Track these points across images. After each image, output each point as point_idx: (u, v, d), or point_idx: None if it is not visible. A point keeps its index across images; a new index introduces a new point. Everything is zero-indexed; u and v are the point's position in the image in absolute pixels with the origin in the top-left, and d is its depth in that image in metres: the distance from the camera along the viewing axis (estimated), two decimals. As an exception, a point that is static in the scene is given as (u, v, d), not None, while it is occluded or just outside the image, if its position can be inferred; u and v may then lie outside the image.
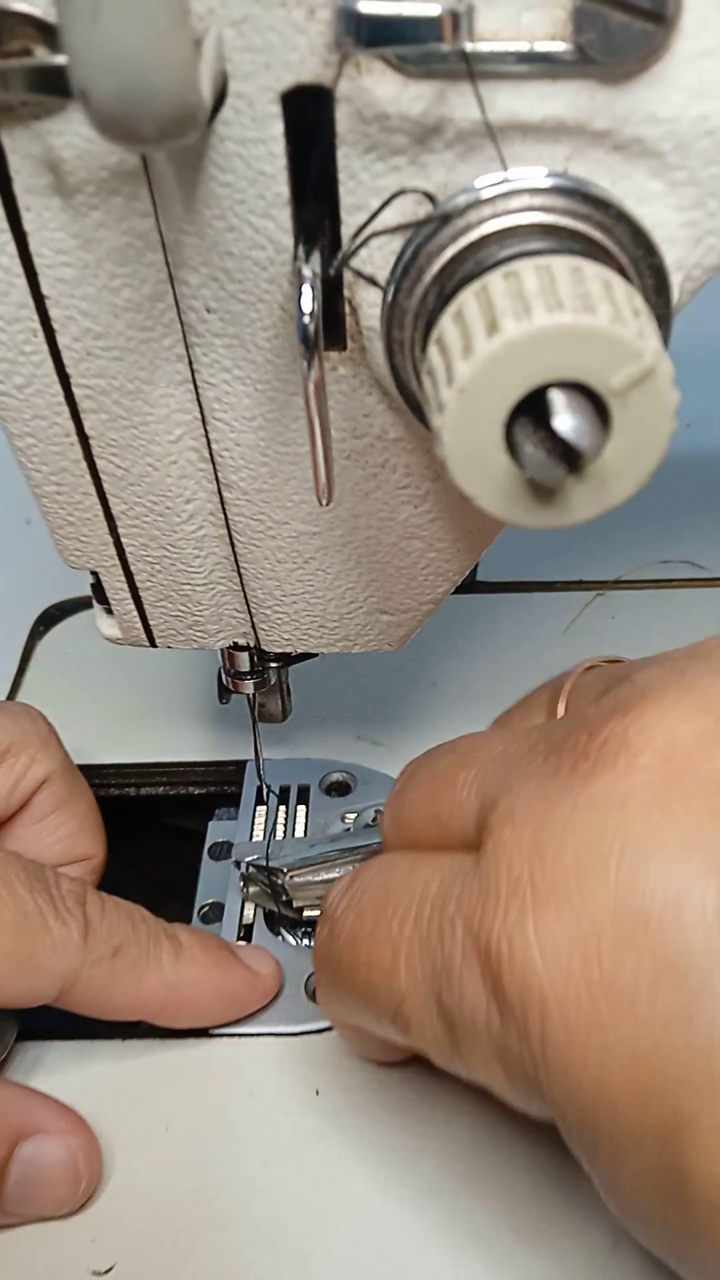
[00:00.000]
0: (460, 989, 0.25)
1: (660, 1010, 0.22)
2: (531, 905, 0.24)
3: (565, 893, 0.23)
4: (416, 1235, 0.33)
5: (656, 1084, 0.22)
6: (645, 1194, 0.23)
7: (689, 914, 0.22)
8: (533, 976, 0.23)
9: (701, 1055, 0.22)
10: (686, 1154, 0.22)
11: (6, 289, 0.27)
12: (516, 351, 0.21)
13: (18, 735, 0.39)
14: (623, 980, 0.23)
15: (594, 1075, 0.23)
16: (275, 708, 0.42)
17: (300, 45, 0.22)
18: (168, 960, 0.36)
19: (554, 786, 0.25)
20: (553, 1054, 0.23)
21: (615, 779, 0.24)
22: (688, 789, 0.23)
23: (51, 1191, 0.33)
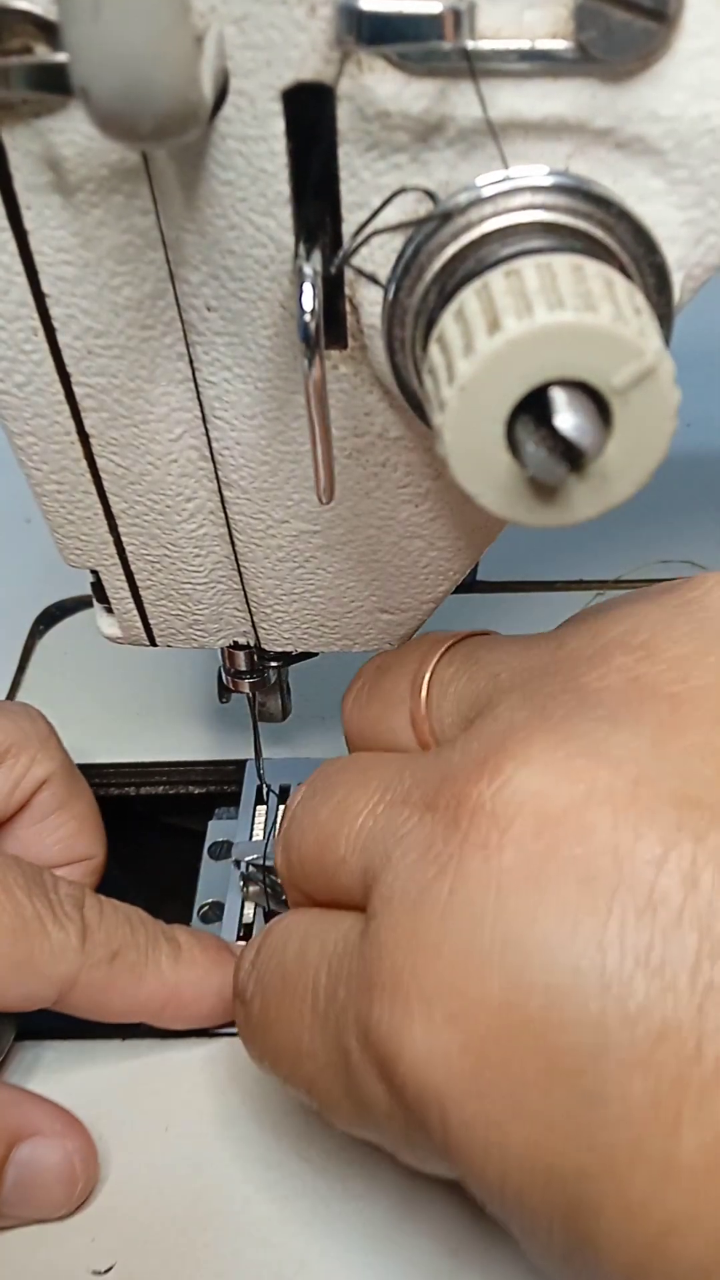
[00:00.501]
0: (362, 1083, 0.25)
1: (554, 1110, 0.22)
2: (416, 1006, 0.23)
3: (447, 993, 0.23)
4: (416, 1235, 0.33)
5: (557, 1176, 0.22)
6: (556, 1257, 0.24)
7: (571, 1013, 0.22)
8: (426, 1079, 0.23)
9: (600, 1152, 0.22)
10: (594, 1237, 0.22)
11: (7, 287, 0.27)
12: (518, 350, 0.21)
13: (18, 736, 0.39)
14: (513, 1083, 0.22)
15: (497, 1169, 0.23)
16: (275, 707, 0.42)
17: (301, 43, 0.22)
18: (167, 962, 0.36)
19: (429, 862, 0.24)
20: (455, 1151, 0.23)
21: (487, 859, 0.23)
22: (561, 870, 0.22)
23: (48, 1194, 0.33)
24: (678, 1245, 0.21)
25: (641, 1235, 0.22)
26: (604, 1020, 0.21)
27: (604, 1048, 0.21)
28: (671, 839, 0.22)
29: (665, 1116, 0.21)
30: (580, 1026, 0.22)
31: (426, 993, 0.23)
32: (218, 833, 0.44)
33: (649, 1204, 0.21)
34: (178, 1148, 0.35)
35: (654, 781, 0.23)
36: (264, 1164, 0.35)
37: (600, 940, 0.22)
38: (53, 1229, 0.34)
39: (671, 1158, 0.21)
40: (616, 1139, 0.21)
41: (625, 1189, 0.22)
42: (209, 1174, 0.34)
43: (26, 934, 0.33)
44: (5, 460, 0.32)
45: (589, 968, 0.22)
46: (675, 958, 0.21)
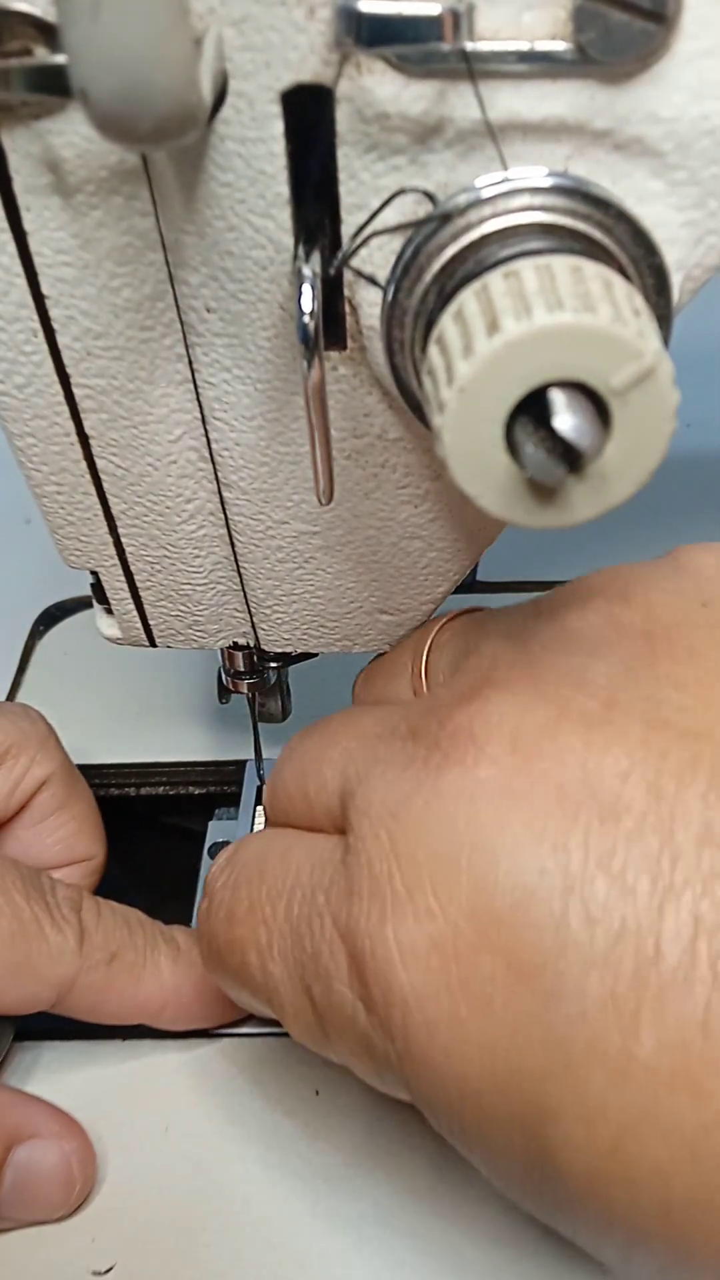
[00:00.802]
0: (328, 982, 0.26)
1: (516, 1008, 0.22)
2: (391, 907, 0.24)
3: (422, 894, 0.24)
4: (416, 1235, 0.33)
5: (516, 1078, 0.23)
6: (517, 1174, 0.24)
7: (536, 913, 0.22)
8: (394, 977, 0.24)
9: (558, 1050, 0.22)
10: (552, 1143, 0.22)
11: (6, 288, 0.27)
12: (517, 351, 0.21)
13: (17, 736, 0.39)
14: (478, 980, 0.23)
15: (456, 1070, 0.23)
16: (275, 708, 0.42)
17: (300, 44, 0.22)
18: (165, 964, 0.36)
19: (407, 778, 0.25)
20: (416, 1050, 0.24)
21: (464, 773, 0.24)
22: (532, 783, 0.23)
23: (46, 1196, 0.33)
24: (635, 1148, 0.22)
25: (600, 1138, 0.22)
26: (565, 920, 0.22)
27: (564, 947, 0.22)
28: (638, 754, 0.23)
29: (623, 1015, 0.21)
30: (543, 927, 0.22)
31: (400, 895, 0.24)
32: (218, 833, 0.44)
33: (606, 1105, 0.22)
34: (178, 1148, 0.35)
35: (625, 705, 0.24)
36: (264, 1164, 0.35)
37: (565, 844, 0.23)
38: (53, 1229, 0.34)
39: (629, 1057, 0.21)
40: (574, 1036, 0.22)
41: (583, 1089, 0.22)
42: (209, 1174, 0.34)
43: (25, 937, 0.33)
44: (5, 461, 0.32)
45: (553, 869, 0.22)
46: (636, 862, 0.22)
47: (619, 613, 0.27)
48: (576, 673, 0.25)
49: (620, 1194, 0.22)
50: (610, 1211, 0.22)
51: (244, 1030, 0.38)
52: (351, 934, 0.25)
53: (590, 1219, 0.23)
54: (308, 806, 0.29)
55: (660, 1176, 0.21)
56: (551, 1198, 0.24)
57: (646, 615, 0.26)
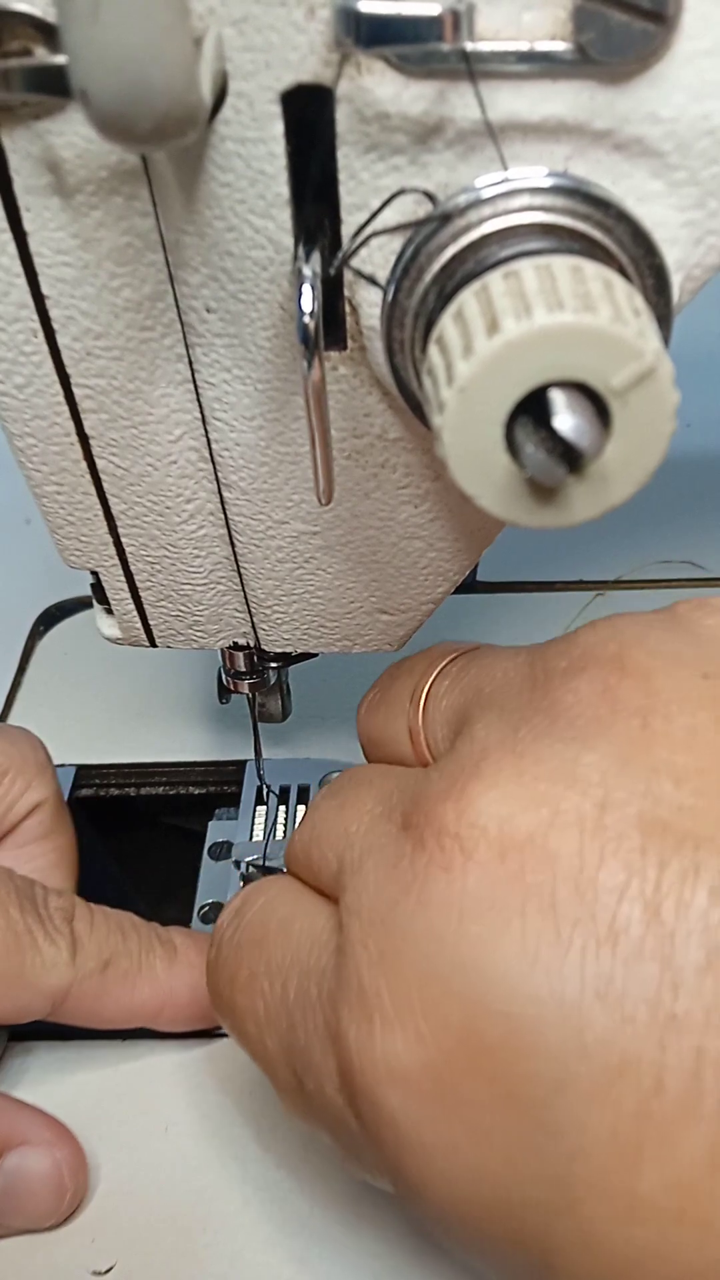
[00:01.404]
0: (319, 1082, 0.25)
1: (513, 1140, 0.22)
2: (380, 1025, 0.23)
3: (410, 1015, 0.23)
4: (416, 1235, 0.33)
5: (515, 1205, 0.22)
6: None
7: (530, 1042, 0.21)
8: (384, 1099, 0.23)
9: (559, 1186, 0.21)
10: (556, 1273, 0.22)
11: (6, 289, 0.27)
12: (517, 351, 0.21)
13: (17, 759, 0.39)
14: (473, 1109, 0.22)
15: (450, 1194, 0.23)
16: (275, 708, 0.42)
17: (300, 45, 0.22)
18: (161, 967, 0.36)
19: (395, 879, 0.24)
20: (409, 1172, 0.23)
21: (449, 881, 0.23)
22: (524, 897, 0.22)
23: (36, 1203, 0.33)
24: (639, 1278, 0.21)
25: (604, 1273, 0.21)
26: (563, 1052, 0.21)
27: (563, 1080, 0.21)
28: (635, 865, 0.22)
29: (626, 1152, 0.21)
30: (539, 1056, 0.21)
31: (389, 1013, 0.23)
32: (218, 833, 0.44)
33: (611, 1240, 0.21)
34: (178, 1148, 0.35)
35: (620, 805, 0.23)
36: (264, 1164, 0.35)
37: (560, 971, 0.21)
38: (53, 1229, 0.34)
39: (633, 1194, 0.21)
40: (576, 1172, 0.21)
41: (587, 1226, 0.21)
42: (209, 1174, 0.34)
43: (18, 949, 0.33)
44: (5, 461, 0.32)
45: (548, 998, 0.21)
46: (635, 990, 0.21)
47: (614, 684, 0.25)
48: (568, 766, 0.24)
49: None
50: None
51: (244, 1030, 0.38)
52: (341, 1043, 0.24)
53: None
54: (312, 873, 0.29)
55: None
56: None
57: (644, 689, 0.25)
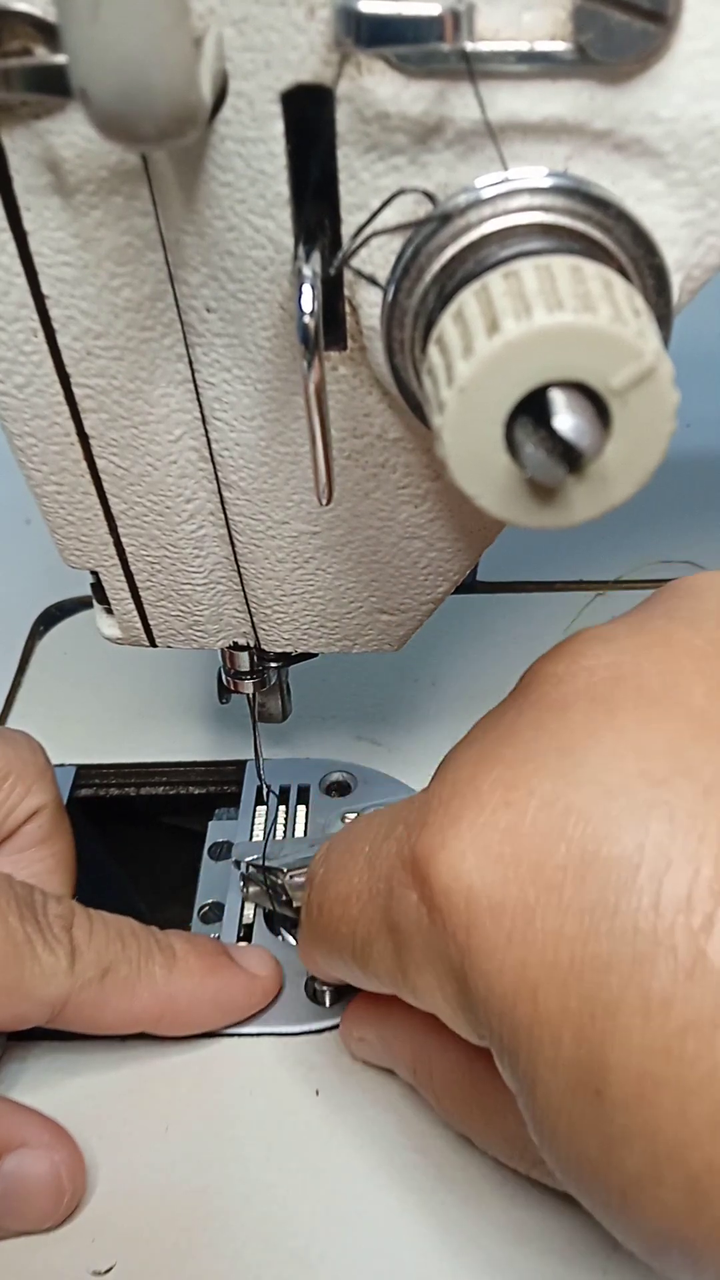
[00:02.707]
0: (400, 898, 0.26)
1: (587, 896, 0.23)
2: (468, 803, 0.25)
3: (500, 790, 0.24)
4: (416, 1235, 0.33)
5: (577, 967, 0.23)
6: (560, 1089, 0.23)
7: (620, 807, 0.23)
8: (460, 869, 0.24)
9: (625, 940, 0.22)
10: (605, 1043, 0.22)
11: (6, 288, 0.27)
12: (517, 351, 0.21)
13: (18, 764, 0.39)
14: (550, 867, 0.23)
15: (518, 958, 0.23)
16: (275, 708, 0.42)
17: (300, 45, 0.22)
18: (160, 973, 0.36)
19: (494, 716, 0.26)
20: (477, 939, 0.24)
21: (557, 688, 0.25)
22: (632, 694, 0.24)
23: (35, 1205, 0.33)
24: (695, 1046, 0.21)
25: (657, 1035, 0.22)
26: (646, 821, 0.23)
27: (643, 844, 0.22)
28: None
29: (697, 912, 0.22)
30: (623, 823, 0.23)
31: (483, 791, 0.25)
32: (218, 833, 0.44)
33: (671, 1000, 0.21)
34: (178, 1148, 0.35)
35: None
36: (264, 1164, 0.35)
37: (649, 752, 0.23)
38: (53, 1230, 0.34)
39: (700, 953, 0.21)
40: (644, 927, 0.22)
41: (647, 982, 0.22)
42: (209, 1174, 0.34)
43: (17, 958, 0.33)
44: (5, 461, 0.32)
45: (636, 775, 0.23)
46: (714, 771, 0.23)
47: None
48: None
49: (669, 1101, 0.22)
50: (655, 1125, 0.22)
51: (244, 1031, 0.38)
52: (415, 842, 0.25)
53: (630, 1140, 0.22)
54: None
55: (714, 1083, 0.21)
56: (595, 1111, 0.23)
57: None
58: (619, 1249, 0.32)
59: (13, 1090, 0.37)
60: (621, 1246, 0.32)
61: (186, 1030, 0.37)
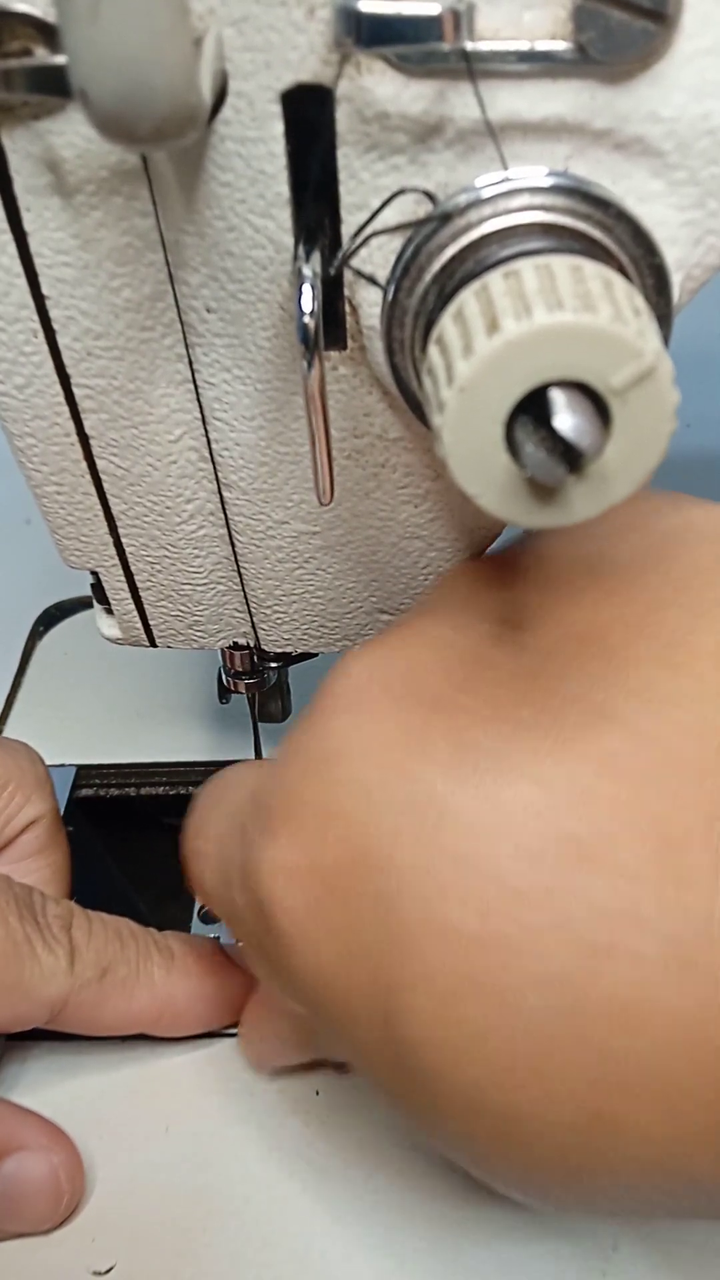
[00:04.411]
0: (237, 896, 0.28)
1: (354, 889, 0.24)
2: (267, 824, 0.27)
3: (286, 807, 0.26)
4: (416, 1235, 0.33)
5: (361, 955, 0.24)
6: (384, 1066, 0.25)
7: (370, 802, 0.24)
8: (267, 882, 0.26)
9: (393, 923, 0.23)
10: (399, 1019, 0.24)
11: (6, 289, 0.27)
12: (517, 351, 0.21)
13: (16, 773, 0.39)
14: (324, 868, 0.25)
15: (316, 958, 0.25)
16: (275, 707, 0.42)
17: (300, 44, 0.22)
18: (159, 974, 0.36)
19: (294, 730, 0.28)
20: (288, 948, 0.26)
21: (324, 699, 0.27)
22: (380, 694, 0.26)
23: (33, 1208, 0.33)
24: (460, 1010, 0.23)
25: (431, 1003, 0.23)
26: (391, 803, 0.24)
27: (402, 830, 0.24)
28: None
29: (436, 882, 0.23)
30: (383, 811, 0.24)
31: (277, 810, 0.27)
32: (218, 833, 0.44)
33: (433, 970, 0.23)
34: (178, 1148, 0.35)
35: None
36: (264, 1164, 0.35)
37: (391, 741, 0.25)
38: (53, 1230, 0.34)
39: (446, 923, 0.23)
40: (400, 908, 0.23)
41: (412, 959, 0.23)
42: (209, 1174, 0.35)
43: (17, 958, 0.33)
44: (5, 461, 0.32)
45: (393, 765, 0.25)
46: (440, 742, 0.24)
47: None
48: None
49: (460, 1060, 0.23)
50: (454, 1082, 0.23)
51: (244, 1030, 0.38)
52: (245, 851, 0.28)
53: (443, 1099, 0.24)
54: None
55: (484, 1037, 0.23)
56: (410, 1081, 0.24)
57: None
58: (619, 1249, 0.32)
59: (12, 1091, 0.37)
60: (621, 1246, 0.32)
61: (185, 1031, 0.37)
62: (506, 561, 0.30)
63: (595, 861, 0.22)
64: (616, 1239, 0.32)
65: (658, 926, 0.21)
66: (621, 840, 0.22)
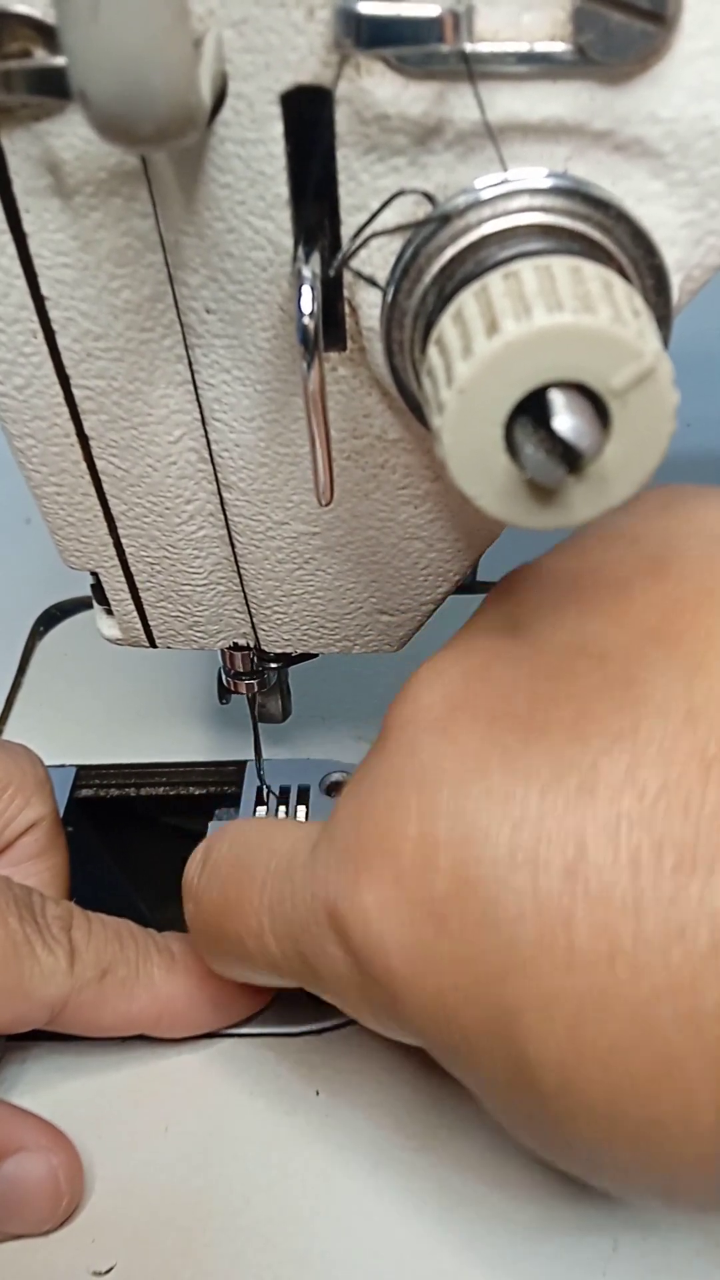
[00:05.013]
0: (320, 949, 0.28)
1: (468, 919, 0.24)
2: (357, 865, 0.26)
3: (380, 843, 0.26)
4: (416, 1235, 0.33)
5: (480, 985, 0.24)
6: (504, 1088, 0.25)
7: (473, 830, 0.24)
8: (371, 924, 0.26)
9: (511, 949, 0.24)
10: (522, 1043, 0.24)
11: (6, 290, 0.27)
12: (516, 352, 0.21)
13: (17, 776, 0.39)
14: (432, 901, 0.25)
15: (433, 993, 0.25)
16: (275, 708, 0.42)
17: (300, 46, 0.22)
18: (159, 974, 0.36)
19: (365, 766, 0.28)
20: (400, 987, 0.26)
21: (404, 732, 0.27)
22: (467, 719, 0.26)
23: (33, 1209, 0.33)
24: (590, 1028, 0.23)
25: (558, 1024, 0.23)
26: (498, 831, 0.24)
27: (498, 856, 0.24)
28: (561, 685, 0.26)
29: (559, 909, 0.23)
30: (481, 841, 0.24)
31: (366, 851, 0.26)
32: (218, 833, 0.44)
33: (558, 992, 0.23)
34: (178, 1148, 0.35)
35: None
36: (264, 1164, 0.35)
37: (486, 767, 0.25)
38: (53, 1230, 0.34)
39: (570, 945, 0.23)
40: (520, 934, 0.23)
41: (535, 981, 0.23)
42: (209, 1174, 0.35)
43: (17, 959, 0.33)
44: (5, 462, 0.32)
45: (486, 793, 0.25)
46: (550, 767, 0.24)
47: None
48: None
49: (592, 1077, 0.23)
50: (586, 1099, 0.23)
51: (244, 1031, 0.38)
52: (331, 901, 0.27)
53: (573, 1118, 0.24)
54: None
55: (617, 1053, 0.23)
56: (537, 1103, 0.24)
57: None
58: (619, 1249, 0.32)
59: (12, 1092, 0.37)
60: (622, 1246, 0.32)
61: (185, 1031, 0.37)
62: (568, 564, 0.29)
63: (706, 867, 0.22)
64: (616, 1239, 0.32)
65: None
66: (718, 841, 0.22)
